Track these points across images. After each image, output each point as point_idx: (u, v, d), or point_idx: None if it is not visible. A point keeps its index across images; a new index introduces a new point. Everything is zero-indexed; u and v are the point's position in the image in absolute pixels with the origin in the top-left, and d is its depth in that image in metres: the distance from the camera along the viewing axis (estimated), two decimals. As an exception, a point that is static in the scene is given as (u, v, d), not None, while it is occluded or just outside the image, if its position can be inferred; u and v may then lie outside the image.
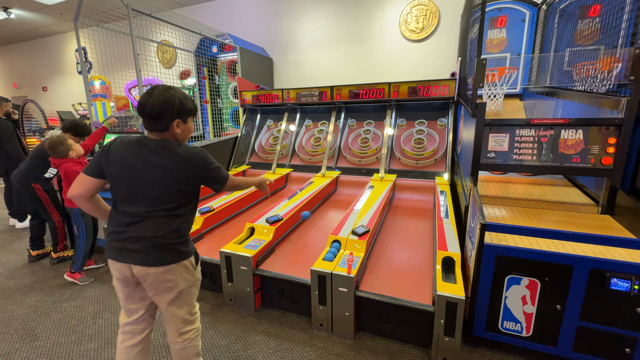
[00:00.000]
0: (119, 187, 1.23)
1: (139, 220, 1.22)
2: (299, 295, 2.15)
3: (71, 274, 2.67)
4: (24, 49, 9.46)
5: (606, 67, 2.18)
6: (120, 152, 1.21)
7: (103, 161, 1.23)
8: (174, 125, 1.23)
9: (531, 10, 3.61)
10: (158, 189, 1.21)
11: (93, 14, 3.27)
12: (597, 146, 1.94)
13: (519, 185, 2.69)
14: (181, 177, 1.22)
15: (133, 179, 1.20)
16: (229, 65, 5.40)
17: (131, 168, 1.20)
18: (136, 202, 1.22)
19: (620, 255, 1.55)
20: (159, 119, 1.20)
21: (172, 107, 1.19)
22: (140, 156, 1.20)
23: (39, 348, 1.96)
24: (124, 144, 1.22)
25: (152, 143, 1.22)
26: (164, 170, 1.20)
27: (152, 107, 1.17)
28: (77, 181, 1.25)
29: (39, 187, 2.86)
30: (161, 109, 1.18)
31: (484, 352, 1.84)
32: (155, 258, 1.22)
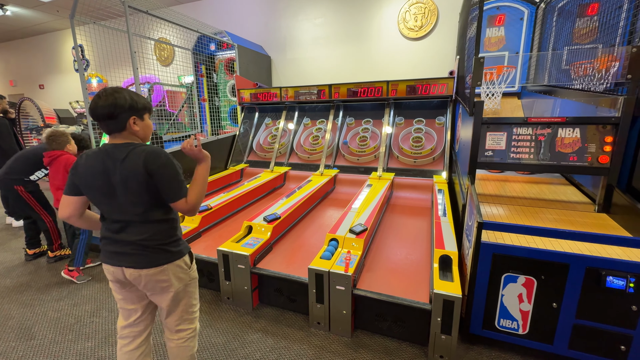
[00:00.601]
0: (96, 200, 1.22)
1: (123, 226, 1.21)
2: (297, 293, 2.16)
3: (69, 271, 2.66)
4: (21, 47, 9.39)
5: (604, 66, 2.18)
6: (87, 165, 1.19)
7: (75, 179, 1.21)
8: (131, 123, 1.20)
9: (529, 9, 3.61)
10: (125, 194, 1.17)
11: (90, 11, 3.24)
12: (594, 145, 1.95)
13: (517, 183, 2.69)
14: (141, 181, 1.15)
15: (103, 189, 1.18)
16: (227, 63, 5.37)
17: (98, 179, 1.17)
18: (115, 211, 1.20)
19: (615, 254, 1.56)
20: (113, 118, 1.16)
21: (123, 104, 1.15)
22: (104, 165, 1.17)
23: (35, 347, 1.95)
24: (88, 157, 1.20)
25: (110, 147, 1.18)
26: (123, 173, 1.15)
27: (103, 108, 1.14)
28: (62, 203, 1.24)
29: (21, 189, 2.81)
30: (113, 108, 1.14)
31: (481, 349, 1.85)
32: (147, 260, 1.21)
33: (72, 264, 2.67)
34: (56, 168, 2.54)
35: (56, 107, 7.35)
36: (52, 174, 2.58)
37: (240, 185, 3.60)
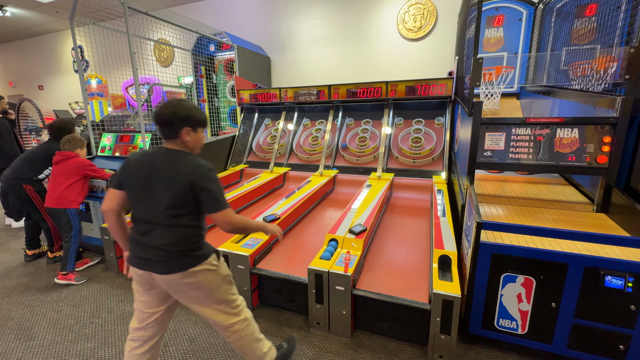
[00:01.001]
0: (133, 196, 1.29)
1: (150, 229, 1.26)
2: (296, 293, 2.16)
3: (63, 275, 2.62)
4: (20, 47, 9.39)
5: (602, 66, 2.19)
6: (137, 163, 1.29)
7: (122, 173, 1.30)
8: (184, 133, 1.28)
9: (528, 10, 3.62)
10: (162, 197, 1.23)
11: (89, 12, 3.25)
12: (593, 145, 1.95)
13: (516, 183, 2.70)
14: (175, 187, 1.22)
15: (144, 186, 1.26)
16: (227, 63, 5.38)
17: (142, 177, 1.26)
18: (147, 211, 1.27)
19: (614, 253, 1.56)
20: (169, 125, 1.27)
21: (180, 114, 1.26)
22: (152, 164, 1.26)
23: (35, 347, 1.95)
24: (141, 155, 1.30)
25: (163, 150, 1.29)
26: (169, 176, 1.24)
27: (163, 114, 1.26)
28: (107, 196, 1.33)
29: (30, 189, 2.83)
30: (171, 116, 1.25)
31: (480, 349, 1.86)
32: (172, 266, 1.25)
33: (64, 269, 2.62)
34: (66, 166, 2.61)
35: (55, 108, 7.34)
36: (58, 172, 2.62)
37: (239, 185, 3.61)
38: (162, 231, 1.25)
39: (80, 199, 2.71)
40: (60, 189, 2.60)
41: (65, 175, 2.61)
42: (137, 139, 3.52)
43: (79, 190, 2.69)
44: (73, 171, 2.62)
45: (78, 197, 2.69)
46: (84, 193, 2.76)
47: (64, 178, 2.61)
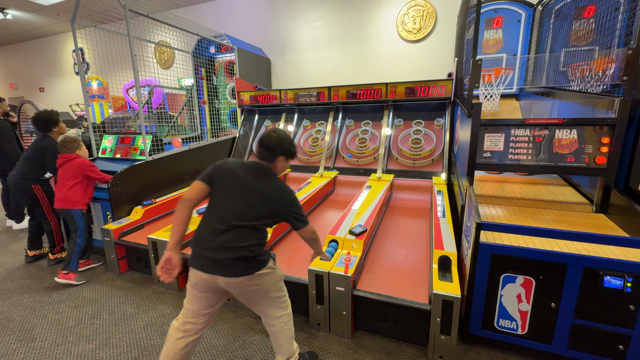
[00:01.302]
0: (225, 194, 1.40)
1: (228, 229, 1.35)
2: (297, 294, 2.16)
3: (64, 275, 2.62)
4: (21, 50, 9.42)
5: (600, 68, 2.20)
6: (236, 167, 1.44)
7: (216, 172, 1.43)
8: (279, 160, 1.48)
9: (527, 11, 3.64)
10: (251, 201, 1.39)
11: (90, 14, 3.27)
12: (591, 146, 1.96)
13: (515, 184, 2.71)
14: (269, 204, 1.43)
15: (239, 190, 1.40)
16: (227, 65, 5.40)
17: (240, 181, 1.41)
18: (230, 213, 1.37)
19: (613, 254, 1.57)
20: (271, 151, 1.46)
21: (284, 145, 1.47)
22: (250, 175, 1.43)
23: (36, 349, 1.96)
24: (235, 162, 1.47)
25: (259, 165, 1.47)
26: (259, 189, 1.41)
27: (270, 142, 1.46)
28: (192, 186, 1.42)
29: (39, 189, 2.88)
30: (276, 145, 1.45)
31: (480, 350, 1.86)
32: (241, 269, 1.35)
33: (66, 268, 2.62)
34: (68, 168, 2.65)
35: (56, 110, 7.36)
36: (61, 174, 2.66)
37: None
38: (238, 233, 1.35)
39: (85, 199, 2.74)
40: (64, 190, 2.63)
41: (68, 177, 2.64)
42: (137, 141, 3.53)
43: (83, 191, 2.71)
44: (75, 172, 2.65)
45: (83, 198, 2.72)
46: (88, 194, 2.78)
47: (67, 179, 2.65)
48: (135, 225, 2.92)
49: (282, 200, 1.46)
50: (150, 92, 5.62)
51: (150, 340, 1.99)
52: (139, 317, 2.22)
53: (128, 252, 2.84)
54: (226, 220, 1.35)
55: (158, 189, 3.39)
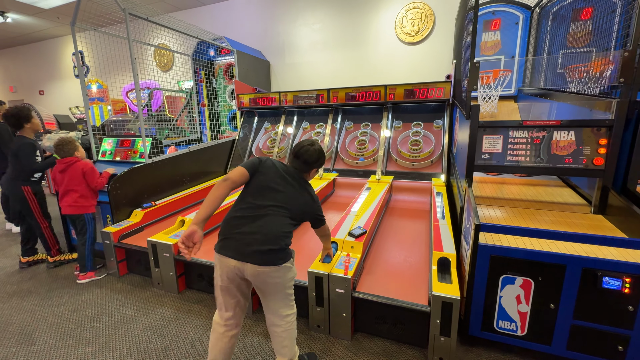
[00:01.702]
0: (262, 183, 1.51)
1: (262, 215, 1.44)
2: (296, 297, 2.15)
3: (83, 275, 2.72)
4: (21, 53, 9.44)
5: (598, 69, 2.22)
6: (275, 165, 1.57)
7: (260, 165, 1.55)
8: (313, 171, 1.66)
9: (524, 13, 3.67)
10: (289, 195, 1.51)
11: (90, 18, 3.28)
12: (589, 147, 1.97)
13: (514, 186, 2.72)
14: (303, 206, 1.57)
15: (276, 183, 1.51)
16: (226, 68, 5.42)
17: (279, 177, 1.53)
18: (268, 199, 1.47)
19: (611, 254, 1.58)
20: (310, 164, 1.61)
21: (321, 160, 1.64)
22: (287, 175, 1.56)
23: (36, 352, 1.95)
24: (278, 163, 1.60)
25: (297, 173, 1.60)
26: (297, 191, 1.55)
27: (311, 155, 1.59)
28: (235, 170, 1.51)
29: (28, 190, 2.83)
30: (315, 161, 1.61)
31: (480, 351, 1.86)
32: (271, 259, 1.40)
33: (83, 270, 2.72)
34: (73, 174, 2.66)
35: (56, 113, 7.38)
36: (67, 179, 2.67)
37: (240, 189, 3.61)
38: (274, 219, 1.44)
39: (94, 201, 2.79)
40: (75, 195, 2.66)
41: (75, 182, 2.66)
42: (137, 144, 3.54)
43: (91, 195, 2.76)
44: (80, 179, 2.68)
45: (93, 201, 2.77)
46: (96, 196, 2.83)
47: (74, 185, 2.66)
48: (135, 227, 2.92)
49: (312, 206, 1.62)
50: (150, 94, 5.63)
51: (150, 344, 1.99)
52: (138, 320, 2.22)
53: (128, 255, 2.84)
54: (263, 207, 1.45)
55: (158, 192, 3.39)
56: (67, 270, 2.96)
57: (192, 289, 2.57)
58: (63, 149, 2.66)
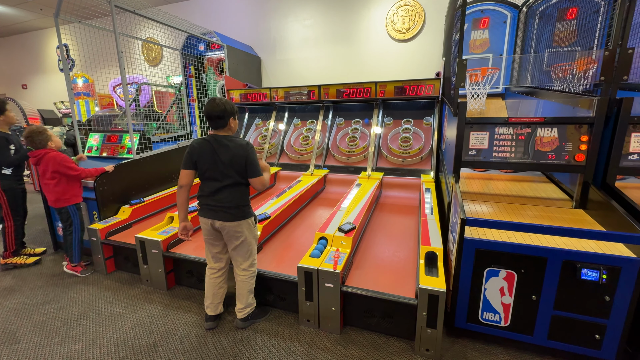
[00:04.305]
0: (203, 169, 1.83)
1: (217, 190, 1.83)
2: (286, 292, 2.18)
3: (72, 267, 2.70)
4: (3, 45, 9.12)
5: (582, 68, 2.27)
6: (201, 146, 1.82)
7: (192, 156, 1.83)
8: (230, 122, 1.84)
9: (512, 12, 3.72)
10: (225, 166, 1.79)
11: (74, 9, 3.19)
12: (571, 144, 2.03)
13: (500, 181, 2.78)
14: (235, 159, 1.79)
15: (210, 162, 1.80)
16: (217, 63, 5.35)
17: (208, 155, 1.80)
18: (214, 178, 1.82)
19: (590, 247, 1.63)
20: (221, 119, 1.79)
21: (228, 109, 1.81)
22: (212, 146, 1.80)
23: (20, 351, 1.92)
24: (200, 142, 1.83)
25: (219, 137, 1.82)
26: (226, 153, 1.79)
27: (216, 112, 1.77)
28: (182, 176, 1.87)
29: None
30: (222, 112, 1.78)
31: (465, 342, 1.91)
32: (230, 216, 1.84)
33: (72, 260, 2.71)
34: (45, 165, 2.56)
35: (40, 108, 7.17)
36: (42, 172, 2.60)
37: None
38: (227, 191, 1.83)
39: (76, 192, 2.69)
40: (52, 189, 2.58)
41: (49, 175, 2.56)
42: (125, 139, 3.48)
43: (67, 185, 2.62)
44: (52, 169, 2.53)
45: (74, 192, 2.67)
46: (76, 187, 2.70)
47: (49, 178, 2.57)
48: (122, 224, 2.88)
49: (241, 153, 1.80)
50: (137, 89, 5.52)
51: (139, 340, 1.98)
52: (127, 317, 2.20)
53: (115, 252, 2.81)
54: (214, 186, 1.82)
55: (146, 188, 3.35)
56: (52, 268, 2.90)
57: (182, 286, 2.56)
58: (34, 140, 2.50)
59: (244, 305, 2.02)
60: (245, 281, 1.98)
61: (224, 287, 2.07)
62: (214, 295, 2.04)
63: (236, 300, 2.04)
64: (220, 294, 2.06)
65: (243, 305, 2.02)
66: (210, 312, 2.05)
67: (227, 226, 1.84)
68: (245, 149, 1.81)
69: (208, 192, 1.85)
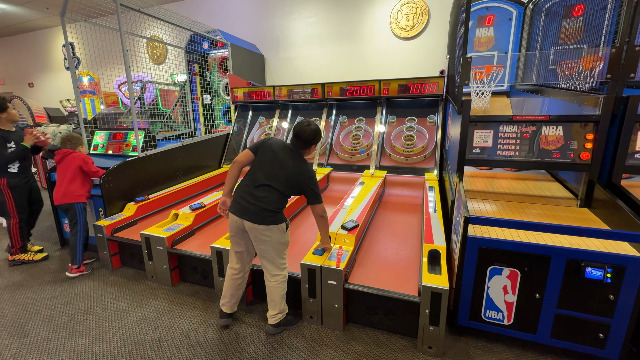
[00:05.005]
0: (261, 160, 1.86)
1: (260, 186, 1.82)
2: (290, 288, 2.19)
3: (76, 269, 2.71)
4: (9, 44, 9.23)
5: (588, 66, 2.25)
6: (275, 143, 1.89)
7: (261, 146, 1.90)
8: (313, 147, 1.93)
9: (518, 9, 3.69)
10: (279, 172, 1.83)
11: (80, 8, 3.22)
12: (576, 142, 2.02)
13: (504, 180, 2.77)
14: (292, 178, 1.83)
15: (272, 160, 1.84)
16: (220, 61, 5.37)
17: (275, 153, 1.85)
18: (263, 174, 1.83)
19: (595, 246, 1.63)
20: (308, 142, 1.87)
21: (318, 137, 1.89)
22: (284, 150, 1.87)
23: (29, 344, 1.96)
24: (278, 141, 1.91)
25: (296, 150, 1.89)
26: (291, 166, 1.84)
27: (309, 134, 1.84)
28: (243, 153, 1.92)
29: (3, 182, 2.77)
30: (313, 137, 1.86)
31: (468, 340, 1.91)
32: (261, 219, 1.80)
33: (74, 262, 2.71)
34: (68, 164, 2.67)
35: (46, 106, 7.26)
36: (60, 169, 2.69)
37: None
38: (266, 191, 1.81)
39: (85, 192, 2.77)
40: (64, 184, 2.65)
41: (67, 171, 2.67)
42: (130, 137, 3.51)
43: (80, 184, 2.73)
44: (72, 165, 2.68)
45: (83, 191, 2.75)
46: (87, 186, 2.80)
47: (66, 174, 2.67)
48: (128, 221, 2.92)
49: (303, 177, 1.84)
50: (142, 88, 5.56)
51: (144, 335, 2.01)
52: (132, 312, 2.23)
53: (121, 249, 2.84)
54: (259, 180, 1.82)
55: (151, 185, 3.38)
56: (59, 264, 2.94)
57: (186, 282, 2.58)
58: (71, 140, 2.76)
59: (277, 312, 1.97)
60: (277, 287, 1.92)
61: (242, 288, 2.05)
62: (232, 295, 2.02)
63: (268, 306, 1.99)
64: (238, 295, 2.04)
65: (276, 311, 1.96)
66: (226, 310, 2.04)
67: (256, 228, 1.81)
68: (306, 177, 1.84)
69: (250, 184, 1.84)
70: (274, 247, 1.86)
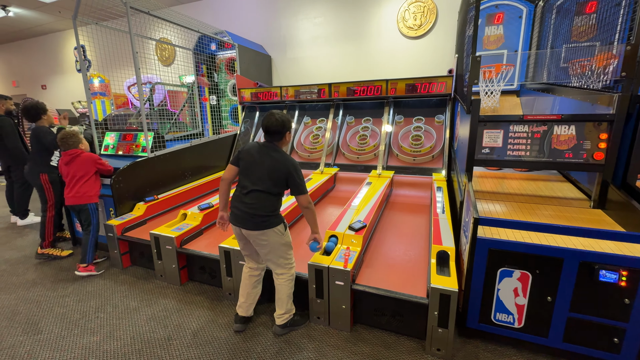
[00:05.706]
0: (243, 167, 1.87)
1: (249, 192, 1.82)
2: (297, 289, 2.19)
3: (84, 268, 2.74)
4: (23, 47, 9.45)
5: (601, 64, 2.20)
6: (250, 147, 1.88)
7: (240, 154, 1.89)
8: (286, 135, 1.87)
9: (528, 7, 3.62)
10: (262, 171, 1.81)
11: (91, 11, 3.28)
12: (590, 142, 1.97)
13: (514, 180, 2.72)
14: (273, 173, 1.81)
15: (252, 162, 1.84)
16: (228, 62, 5.41)
17: (252, 156, 1.84)
18: (249, 179, 1.83)
19: (609, 248, 1.59)
20: (279, 133, 1.84)
21: (287, 125, 1.85)
22: (259, 150, 1.85)
23: (42, 341, 2.00)
24: (252, 143, 1.90)
25: (270, 145, 1.87)
26: (269, 161, 1.81)
27: (276, 125, 1.81)
28: (227, 169, 1.93)
29: (45, 178, 2.97)
30: (282, 126, 1.82)
31: (477, 343, 1.89)
32: (254, 225, 1.82)
33: (84, 261, 2.75)
34: (80, 163, 2.70)
35: (58, 107, 7.41)
36: (73, 170, 2.70)
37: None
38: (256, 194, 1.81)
39: (97, 192, 2.82)
40: (78, 186, 2.70)
41: (81, 173, 2.70)
42: (139, 138, 3.56)
43: (94, 184, 2.79)
44: (87, 167, 2.72)
45: (97, 192, 2.81)
46: (98, 186, 2.85)
47: (80, 175, 2.70)
48: (137, 221, 2.96)
49: (283, 166, 1.81)
50: (151, 89, 5.64)
51: (153, 333, 2.03)
52: (142, 310, 2.26)
53: (131, 248, 2.89)
54: (247, 187, 1.83)
55: (160, 186, 3.42)
56: (70, 263, 3.00)
57: (195, 281, 2.61)
58: (68, 142, 2.71)
59: (284, 311, 1.96)
60: (283, 284, 1.94)
61: (258, 287, 2.05)
62: (248, 294, 2.01)
63: (276, 305, 2.00)
64: (254, 295, 2.04)
65: (283, 310, 1.96)
66: (242, 313, 2.02)
67: (252, 234, 1.84)
68: (287, 166, 1.81)
69: (240, 193, 1.86)
70: (275, 250, 1.88)
